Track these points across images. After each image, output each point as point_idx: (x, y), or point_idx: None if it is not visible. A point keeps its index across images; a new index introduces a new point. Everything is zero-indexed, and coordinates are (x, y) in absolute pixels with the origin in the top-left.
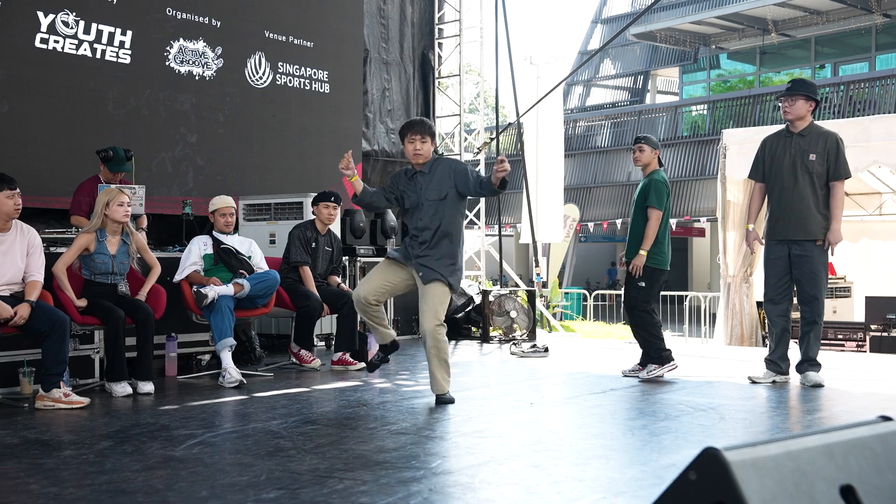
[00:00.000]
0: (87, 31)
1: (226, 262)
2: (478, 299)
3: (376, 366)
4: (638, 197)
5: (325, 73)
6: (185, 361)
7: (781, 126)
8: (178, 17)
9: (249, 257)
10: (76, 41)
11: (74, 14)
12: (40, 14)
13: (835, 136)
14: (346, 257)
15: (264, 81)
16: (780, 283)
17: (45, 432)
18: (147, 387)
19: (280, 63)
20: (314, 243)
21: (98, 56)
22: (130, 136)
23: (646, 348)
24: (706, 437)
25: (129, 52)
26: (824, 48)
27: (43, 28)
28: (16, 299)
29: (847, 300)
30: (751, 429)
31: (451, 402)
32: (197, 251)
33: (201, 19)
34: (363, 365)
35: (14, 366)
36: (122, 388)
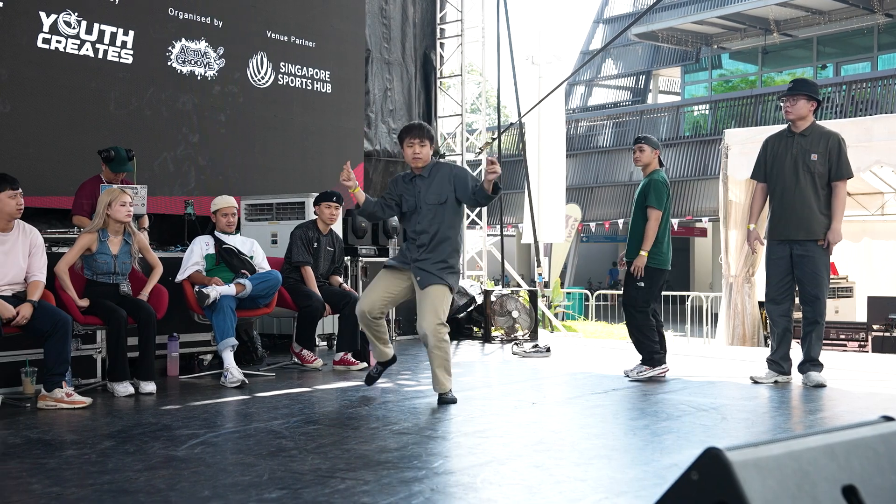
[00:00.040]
0: (89, 31)
1: (228, 262)
2: (479, 299)
3: (374, 378)
4: (638, 197)
5: (327, 73)
6: (187, 361)
7: (783, 126)
8: (180, 17)
9: (251, 257)
10: (78, 41)
11: (76, 14)
12: (42, 14)
13: (837, 136)
14: (348, 257)
15: (266, 81)
16: (781, 283)
17: (47, 432)
18: (149, 387)
19: (282, 63)
20: (316, 243)
21: (100, 56)
22: (132, 136)
23: (639, 349)
24: (708, 437)
25: (131, 52)
26: (826, 48)
27: (45, 28)
28: (18, 299)
29: (849, 300)
30: (753, 429)
31: (454, 401)
32: (199, 251)
33: (203, 19)
34: (365, 365)
35: (16, 366)
36: (124, 388)
